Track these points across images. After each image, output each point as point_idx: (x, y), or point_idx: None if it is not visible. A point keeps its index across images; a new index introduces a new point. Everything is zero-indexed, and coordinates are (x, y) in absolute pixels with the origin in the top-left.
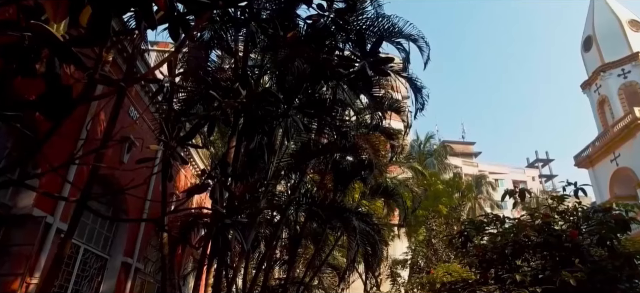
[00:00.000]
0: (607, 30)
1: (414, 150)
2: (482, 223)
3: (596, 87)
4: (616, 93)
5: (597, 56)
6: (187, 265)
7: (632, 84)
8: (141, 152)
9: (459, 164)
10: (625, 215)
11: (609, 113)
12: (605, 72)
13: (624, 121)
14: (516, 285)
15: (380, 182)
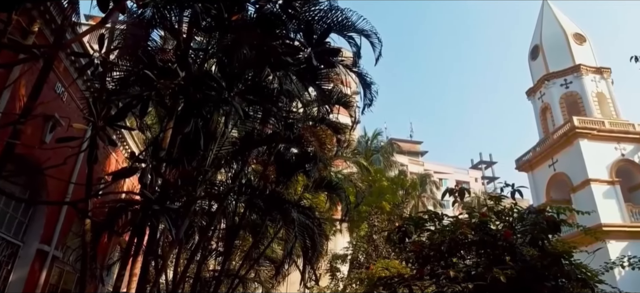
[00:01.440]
0: (554, 41)
1: (361, 146)
2: (421, 220)
3: (540, 94)
4: (558, 102)
5: (543, 65)
6: (113, 254)
7: (573, 94)
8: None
9: (405, 162)
10: (556, 217)
11: (551, 120)
12: (549, 81)
13: (563, 129)
14: (450, 281)
15: (324, 176)
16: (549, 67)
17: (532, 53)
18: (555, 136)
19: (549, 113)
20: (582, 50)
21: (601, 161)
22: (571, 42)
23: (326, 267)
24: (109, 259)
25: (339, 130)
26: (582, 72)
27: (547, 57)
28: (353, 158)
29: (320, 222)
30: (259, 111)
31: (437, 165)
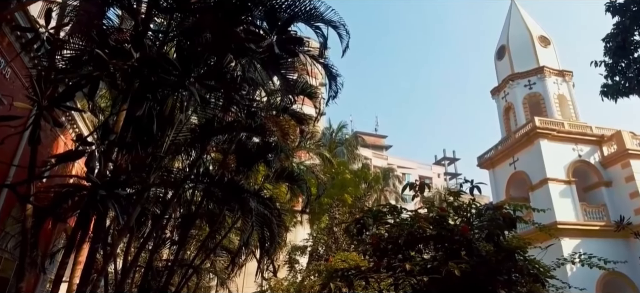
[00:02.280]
0: (520, 42)
1: (326, 138)
2: (380, 213)
3: (504, 94)
4: (521, 102)
5: (508, 65)
6: (58, 241)
7: (536, 95)
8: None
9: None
10: (512, 214)
11: (513, 119)
12: (513, 82)
13: (524, 129)
14: (406, 274)
15: (286, 166)
16: (514, 68)
17: (498, 53)
18: (517, 135)
19: (512, 113)
20: (546, 52)
21: (559, 161)
22: (536, 44)
23: (285, 258)
24: (53, 247)
25: (302, 121)
26: (545, 74)
27: (513, 58)
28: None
29: (280, 213)
30: (221, 98)
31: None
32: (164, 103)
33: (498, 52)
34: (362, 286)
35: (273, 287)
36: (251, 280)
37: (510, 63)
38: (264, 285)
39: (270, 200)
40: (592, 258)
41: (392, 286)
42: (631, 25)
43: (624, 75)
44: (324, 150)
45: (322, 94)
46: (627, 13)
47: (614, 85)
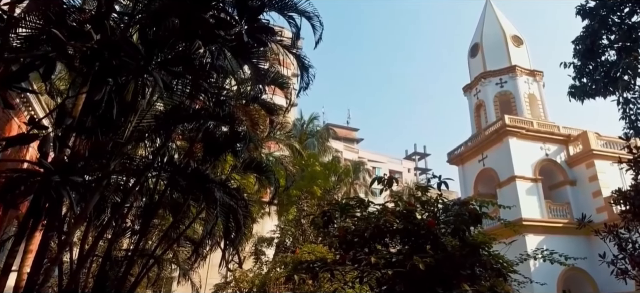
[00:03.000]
0: (493, 41)
1: (297, 129)
2: (348, 206)
3: (476, 91)
4: (492, 100)
5: (481, 63)
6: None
7: (507, 94)
8: None
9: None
10: (478, 209)
11: (484, 117)
12: (485, 80)
13: (495, 126)
14: (371, 267)
15: (254, 157)
16: (486, 66)
17: (471, 51)
18: (486, 133)
19: (482, 110)
20: (518, 52)
21: (527, 160)
22: (509, 43)
23: (251, 249)
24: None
25: (273, 111)
26: (517, 73)
27: (486, 56)
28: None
29: (247, 204)
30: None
31: (372, 153)
32: (125, 88)
33: (471, 50)
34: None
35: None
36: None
37: (483, 61)
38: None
39: (237, 190)
40: (553, 254)
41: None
42: (599, 29)
43: (591, 77)
44: (294, 141)
45: (293, 85)
46: (596, 17)
47: (581, 87)
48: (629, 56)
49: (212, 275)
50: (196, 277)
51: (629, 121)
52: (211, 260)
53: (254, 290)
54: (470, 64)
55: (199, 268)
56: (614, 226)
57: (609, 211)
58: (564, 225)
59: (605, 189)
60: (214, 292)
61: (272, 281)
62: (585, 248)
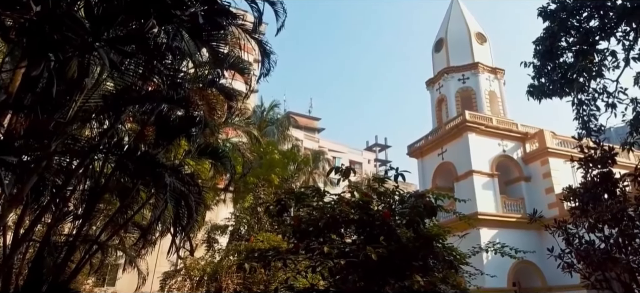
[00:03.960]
0: (458, 37)
1: (256, 116)
2: (303, 194)
3: (438, 86)
4: (454, 95)
5: (445, 58)
6: None
7: (468, 90)
8: None
9: (300, 137)
10: (434, 202)
11: (445, 111)
12: (448, 75)
13: (455, 121)
14: (323, 256)
15: (210, 142)
16: (450, 62)
17: (436, 46)
18: (447, 127)
19: (444, 105)
20: (482, 49)
21: (485, 155)
22: (473, 40)
23: (204, 237)
24: None
25: (231, 96)
26: (479, 70)
27: (450, 51)
28: (245, 128)
29: (200, 190)
30: (141, 65)
31: (333, 143)
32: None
33: (436, 44)
34: (279, 267)
35: (188, 266)
36: (165, 259)
37: (446, 57)
38: (180, 264)
39: (191, 176)
40: (504, 248)
41: (309, 268)
42: (559, 31)
43: (549, 77)
44: (253, 128)
45: (254, 71)
46: (556, 19)
47: (539, 86)
48: (585, 59)
49: (161, 263)
50: (143, 264)
51: (582, 122)
52: (161, 248)
53: (205, 278)
54: (435, 58)
55: (147, 256)
56: (563, 222)
57: (560, 208)
58: (517, 219)
59: (557, 186)
60: (163, 279)
61: (224, 269)
62: (535, 243)
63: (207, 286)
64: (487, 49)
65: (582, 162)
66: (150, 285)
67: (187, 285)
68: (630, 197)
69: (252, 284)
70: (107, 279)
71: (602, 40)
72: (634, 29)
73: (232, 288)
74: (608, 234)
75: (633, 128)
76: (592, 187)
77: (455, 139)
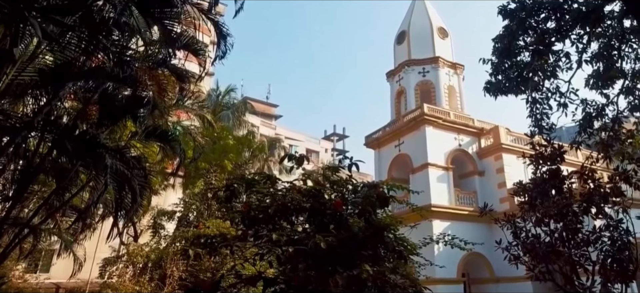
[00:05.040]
0: (420, 31)
1: (211, 100)
2: (254, 180)
3: (398, 78)
4: (413, 88)
5: (407, 51)
6: None
7: (428, 83)
8: None
9: (257, 123)
10: (386, 192)
11: (404, 103)
12: (409, 67)
13: (413, 114)
14: (272, 243)
15: (159, 125)
16: (411, 54)
17: (398, 38)
18: (405, 120)
19: (403, 97)
20: (443, 44)
21: (441, 148)
22: (435, 34)
23: (149, 222)
24: None
25: (184, 78)
26: (439, 64)
27: (412, 44)
28: (198, 111)
29: (146, 173)
30: (84, 39)
31: (290, 131)
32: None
33: (398, 37)
34: (225, 254)
35: (131, 252)
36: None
37: (408, 49)
38: (122, 250)
39: (137, 159)
40: (454, 239)
41: (257, 256)
42: (517, 30)
43: (506, 75)
44: (206, 112)
45: (210, 53)
46: (515, 18)
47: (496, 83)
48: (541, 59)
49: (102, 249)
50: (81, 250)
51: (535, 120)
52: (102, 233)
53: (149, 265)
54: (396, 50)
55: (86, 241)
56: (512, 215)
57: (510, 202)
58: (469, 212)
59: (509, 181)
60: (102, 266)
61: (170, 256)
62: (486, 235)
63: (151, 273)
64: (448, 44)
65: (532, 159)
66: (89, 272)
67: (129, 271)
68: (576, 194)
69: (199, 272)
70: (41, 265)
71: (557, 41)
72: (587, 33)
73: (178, 276)
74: (553, 228)
75: (582, 128)
76: (541, 183)
77: (412, 132)
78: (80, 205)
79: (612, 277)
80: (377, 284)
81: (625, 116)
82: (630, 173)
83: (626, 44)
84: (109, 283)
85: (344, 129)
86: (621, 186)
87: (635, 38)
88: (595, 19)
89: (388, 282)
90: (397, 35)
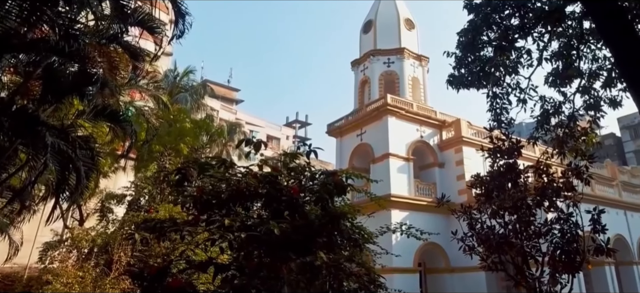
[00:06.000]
0: (387, 20)
1: (168, 81)
2: (208, 164)
3: (363, 67)
4: (377, 78)
5: (372, 40)
6: None
7: (392, 74)
8: None
9: (217, 107)
10: (345, 180)
11: (368, 93)
12: (374, 57)
13: (376, 104)
14: (224, 229)
15: (109, 104)
16: (377, 44)
17: (364, 27)
18: (368, 109)
19: (367, 86)
20: (409, 35)
21: (402, 139)
22: (402, 25)
23: (97, 206)
24: None
25: (137, 56)
26: (404, 55)
27: (378, 34)
28: (153, 92)
29: (93, 154)
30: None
31: (251, 116)
32: None
33: (365, 26)
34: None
35: (75, 236)
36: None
37: (374, 39)
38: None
39: (85, 139)
40: (410, 229)
41: (208, 241)
42: (481, 25)
43: (469, 69)
44: (162, 93)
45: (167, 31)
46: (480, 13)
47: (459, 76)
48: (503, 55)
49: (43, 233)
50: (17, 233)
51: (495, 114)
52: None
53: (95, 250)
54: (362, 39)
55: (24, 224)
56: (469, 207)
57: (468, 194)
58: (428, 203)
59: (468, 174)
60: (43, 250)
61: (118, 241)
62: (443, 226)
63: (96, 258)
64: (414, 36)
65: (490, 152)
66: (28, 256)
67: (72, 256)
68: (530, 188)
69: (149, 257)
70: None
71: (520, 38)
72: (549, 31)
73: (126, 262)
74: (508, 220)
75: (539, 124)
76: (498, 176)
77: (375, 122)
78: (19, 185)
79: (560, 268)
80: (332, 272)
81: (581, 115)
82: (582, 169)
83: (585, 44)
84: (49, 268)
85: (307, 116)
86: (573, 181)
87: (593, 39)
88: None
89: (343, 269)
90: (363, 24)
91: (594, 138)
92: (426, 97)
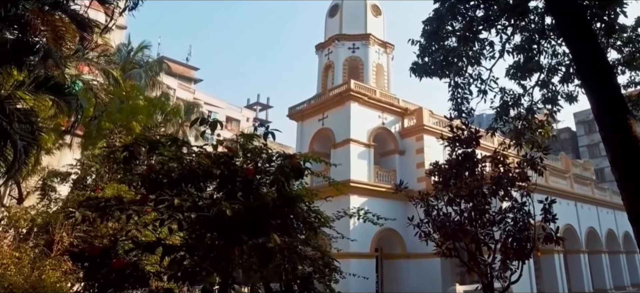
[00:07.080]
0: (353, 6)
1: (121, 55)
2: (158, 142)
3: (328, 52)
4: (342, 63)
5: (338, 24)
6: None
7: (356, 60)
8: None
9: (173, 85)
10: (302, 164)
11: (331, 78)
12: (339, 42)
13: (339, 89)
14: (173, 209)
15: (53, 76)
16: (342, 29)
17: (331, 11)
18: (330, 94)
19: (331, 71)
20: (375, 22)
21: (364, 125)
22: (368, 11)
23: (38, 184)
24: None
25: (85, 27)
26: (370, 42)
27: (344, 19)
28: (103, 65)
29: (33, 129)
30: None
31: (210, 97)
32: None
33: (331, 9)
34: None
35: (13, 215)
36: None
37: (340, 23)
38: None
39: (25, 112)
40: (367, 214)
41: (157, 221)
42: (447, 15)
43: (433, 58)
44: (113, 68)
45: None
46: (446, 3)
47: (422, 65)
48: (467, 45)
49: None
50: None
51: (456, 103)
52: None
53: (34, 229)
54: (328, 23)
55: None
56: (426, 194)
57: (427, 182)
58: (386, 189)
59: (428, 162)
60: None
61: (60, 221)
62: (401, 212)
63: (35, 239)
64: (380, 23)
65: (450, 141)
66: None
67: (8, 236)
68: (487, 177)
69: (94, 238)
70: None
71: (484, 30)
72: (512, 25)
73: (68, 242)
74: (463, 208)
75: (498, 115)
76: (456, 165)
77: (337, 107)
78: None
79: (511, 255)
80: (286, 255)
81: (539, 108)
82: (537, 160)
83: (546, 39)
84: None
85: (268, 99)
86: (528, 171)
87: (553, 35)
88: (520, 12)
89: (298, 253)
90: (330, 7)
91: (550, 131)
92: (390, 84)
